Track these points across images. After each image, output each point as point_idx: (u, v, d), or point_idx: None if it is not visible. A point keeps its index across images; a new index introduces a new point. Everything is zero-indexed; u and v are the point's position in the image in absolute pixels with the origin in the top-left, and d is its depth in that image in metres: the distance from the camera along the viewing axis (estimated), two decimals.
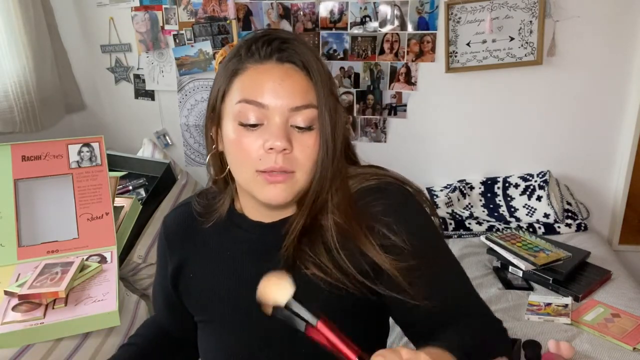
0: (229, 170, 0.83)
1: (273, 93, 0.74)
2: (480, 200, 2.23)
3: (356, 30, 2.24)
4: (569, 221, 2.11)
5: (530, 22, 2.07)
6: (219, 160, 0.85)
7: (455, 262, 0.85)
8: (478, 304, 0.84)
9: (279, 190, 0.76)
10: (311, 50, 0.79)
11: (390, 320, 0.90)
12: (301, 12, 2.25)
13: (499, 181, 2.24)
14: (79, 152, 1.41)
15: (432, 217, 0.84)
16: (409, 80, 2.26)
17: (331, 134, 0.77)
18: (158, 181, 1.86)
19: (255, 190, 0.77)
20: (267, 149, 0.74)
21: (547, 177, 2.15)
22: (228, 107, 0.78)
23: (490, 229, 2.13)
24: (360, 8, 2.20)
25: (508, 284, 1.72)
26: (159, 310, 1.02)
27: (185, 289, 0.92)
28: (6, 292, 1.17)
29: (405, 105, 2.30)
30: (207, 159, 0.87)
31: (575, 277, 1.69)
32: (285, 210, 0.84)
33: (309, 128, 0.76)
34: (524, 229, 2.07)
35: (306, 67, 0.77)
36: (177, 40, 2.37)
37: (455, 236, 2.13)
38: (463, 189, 2.24)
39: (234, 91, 0.77)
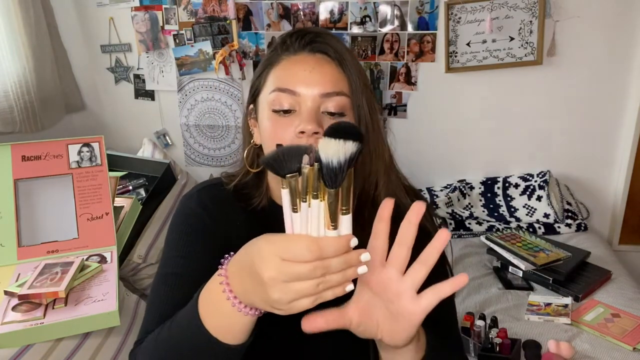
0: None
1: (304, 81, 0.77)
2: (480, 200, 2.23)
3: (356, 30, 2.24)
4: (569, 221, 2.11)
5: (530, 22, 2.07)
6: (255, 154, 0.87)
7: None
8: (459, 338, 0.88)
9: None
10: (343, 44, 0.82)
11: None
12: (301, 12, 2.25)
13: (499, 181, 2.24)
14: (79, 152, 1.40)
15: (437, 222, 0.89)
16: (409, 80, 2.26)
17: (369, 120, 0.80)
18: (158, 181, 1.86)
19: None
20: (298, 132, 0.75)
21: (547, 177, 2.15)
22: (264, 99, 0.81)
23: (490, 229, 2.13)
24: (360, 8, 2.20)
25: (508, 284, 1.72)
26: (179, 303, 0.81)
27: None
28: (6, 292, 1.17)
29: (405, 105, 2.30)
30: (245, 152, 0.88)
31: (575, 277, 1.69)
32: None
33: (340, 114, 0.78)
34: (524, 229, 2.06)
35: (338, 57, 0.80)
36: (177, 40, 2.37)
37: (455, 236, 2.13)
38: (463, 189, 2.24)
39: (269, 83, 0.81)
